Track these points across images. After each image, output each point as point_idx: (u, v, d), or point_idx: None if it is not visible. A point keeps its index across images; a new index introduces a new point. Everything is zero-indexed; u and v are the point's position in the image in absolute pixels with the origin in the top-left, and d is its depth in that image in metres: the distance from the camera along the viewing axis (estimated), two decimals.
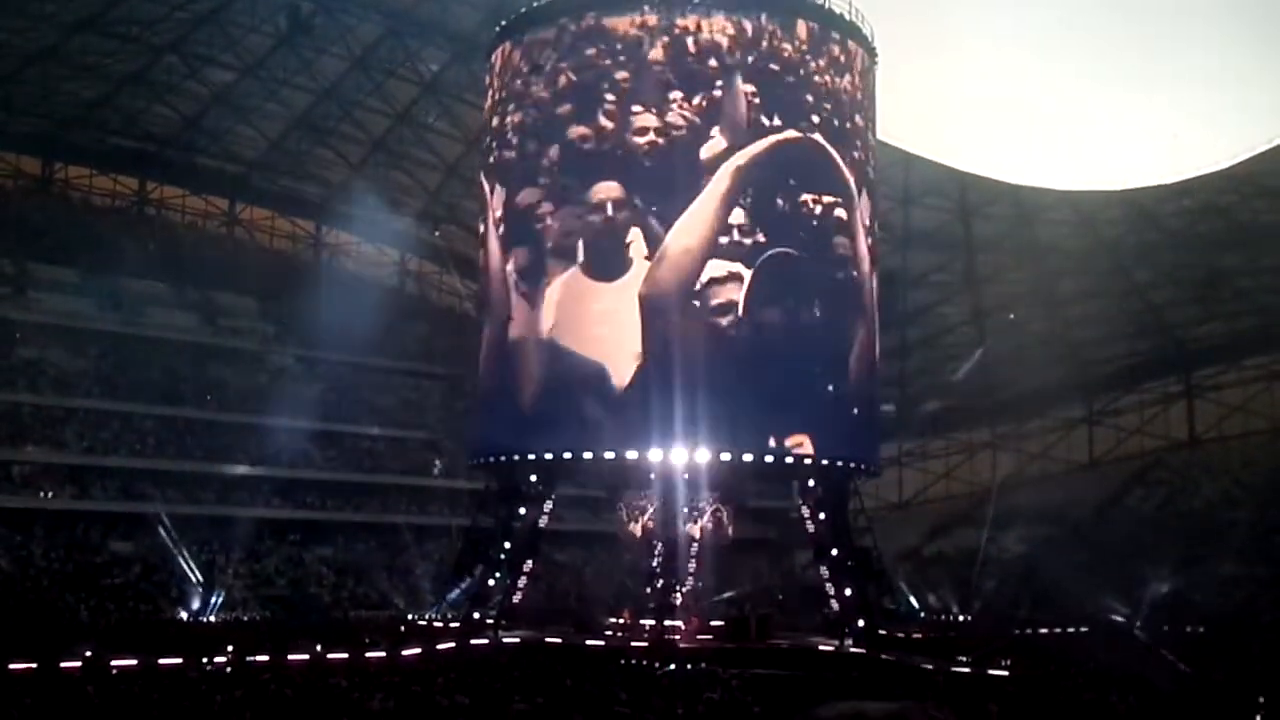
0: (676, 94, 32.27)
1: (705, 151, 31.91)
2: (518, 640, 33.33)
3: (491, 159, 36.68)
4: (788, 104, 32.84)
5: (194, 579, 40.28)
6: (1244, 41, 78.27)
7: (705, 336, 31.55)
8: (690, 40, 32.45)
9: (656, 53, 32.44)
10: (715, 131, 32.14)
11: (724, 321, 31.58)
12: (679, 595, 33.57)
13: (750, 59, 32.67)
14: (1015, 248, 50.89)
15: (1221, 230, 46.22)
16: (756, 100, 32.55)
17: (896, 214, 47.46)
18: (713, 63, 32.46)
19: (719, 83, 32.41)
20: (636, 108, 32.37)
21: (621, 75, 32.62)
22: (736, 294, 31.52)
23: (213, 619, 38.56)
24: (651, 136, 32.04)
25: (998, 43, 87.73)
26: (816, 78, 33.52)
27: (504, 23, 36.44)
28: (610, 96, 32.59)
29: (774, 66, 32.92)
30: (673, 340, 31.28)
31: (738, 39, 32.65)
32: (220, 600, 39.95)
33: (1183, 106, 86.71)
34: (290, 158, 54.72)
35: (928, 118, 80.00)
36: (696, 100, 32.25)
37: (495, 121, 36.42)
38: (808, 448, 32.47)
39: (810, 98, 33.29)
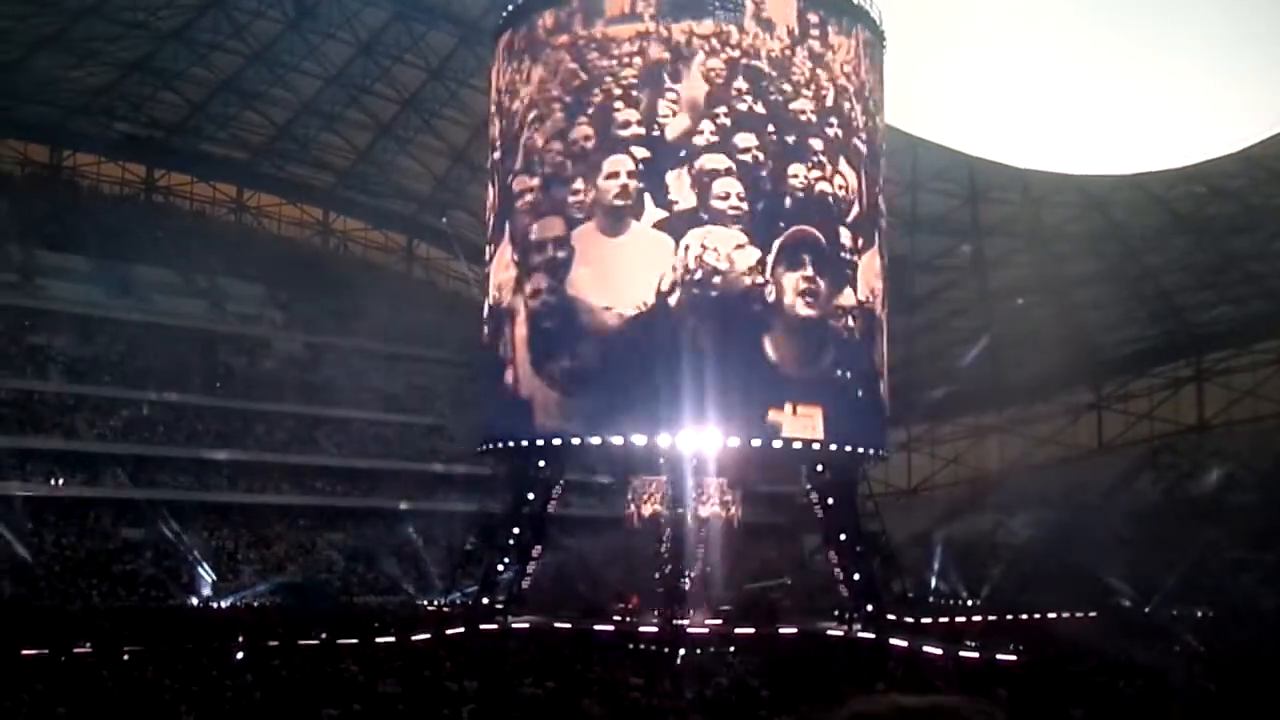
0: (666, 89, 32.86)
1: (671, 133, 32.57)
2: (527, 625, 33.49)
3: (496, 143, 36.90)
4: (769, 95, 33.22)
5: (208, 576, 40.51)
6: (1255, 25, 77.81)
7: (713, 303, 31.87)
8: (681, 41, 33.02)
9: (653, 54, 33.04)
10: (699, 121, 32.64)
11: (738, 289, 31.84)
12: (687, 580, 33.64)
13: (735, 55, 33.14)
14: (1023, 232, 50.72)
15: (1232, 214, 46.01)
16: (745, 94, 32.87)
17: (904, 199, 47.30)
18: (701, 60, 32.97)
19: (703, 76, 32.93)
20: (633, 100, 32.99)
21: (625, 74, 33.21)
22: (747, 262, 31.82)
23: (223, 604, 38.82)
24: (635, 130, 32.68)
25: (1005, 26, 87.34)
26: (794, 72, 33.76)
27: (510, 9, 36.41)
28: (611, 90, 33.15)
29: (754, 63, 33.27)
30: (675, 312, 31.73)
31: (724, 39, 33.26)
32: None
33: (1193, 90, 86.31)
34: (297, 144, 54.71)
35: (935, 102, 79.73)
36: (685, 95, 32.68)
37: (500, 106, 36.76)
38: (818, 423, 32.41)
39: (788, 87, 33.55)
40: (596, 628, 32.18)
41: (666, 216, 31.84)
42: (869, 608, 34.01)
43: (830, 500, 35.68)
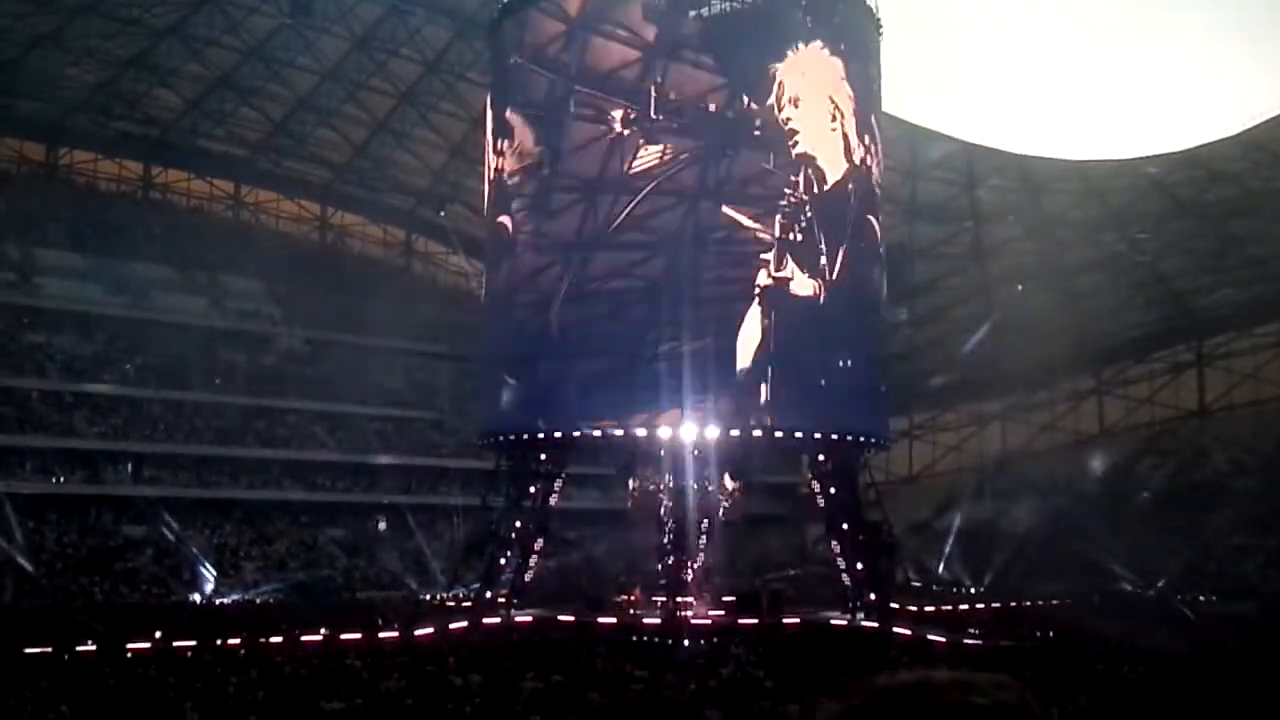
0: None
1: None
2: (530, 619, 33.48)
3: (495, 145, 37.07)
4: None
5: (209, 573, 40.51)
6: (1252, 8, 77.56)
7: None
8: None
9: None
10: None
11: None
12: (690, 572, 33.61)
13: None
14: (1023, 219, 50.59)
15: (1231, 198, 45.91)
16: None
17: (903, 187, 47.13)
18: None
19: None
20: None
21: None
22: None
23: (227, 601, 38.85)
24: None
25: (1004, 12, 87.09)
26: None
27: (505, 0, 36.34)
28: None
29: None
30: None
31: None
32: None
33: (1191, 74, 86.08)
34: (294, 140, 54.57)
35: (934, 89, 79.46)
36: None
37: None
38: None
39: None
40: (599, 620, 32.17)
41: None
42: (872, 596, 33.98)
43: (832, 489, 35.59)
